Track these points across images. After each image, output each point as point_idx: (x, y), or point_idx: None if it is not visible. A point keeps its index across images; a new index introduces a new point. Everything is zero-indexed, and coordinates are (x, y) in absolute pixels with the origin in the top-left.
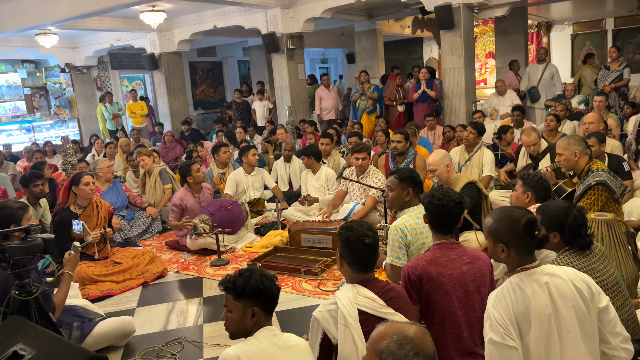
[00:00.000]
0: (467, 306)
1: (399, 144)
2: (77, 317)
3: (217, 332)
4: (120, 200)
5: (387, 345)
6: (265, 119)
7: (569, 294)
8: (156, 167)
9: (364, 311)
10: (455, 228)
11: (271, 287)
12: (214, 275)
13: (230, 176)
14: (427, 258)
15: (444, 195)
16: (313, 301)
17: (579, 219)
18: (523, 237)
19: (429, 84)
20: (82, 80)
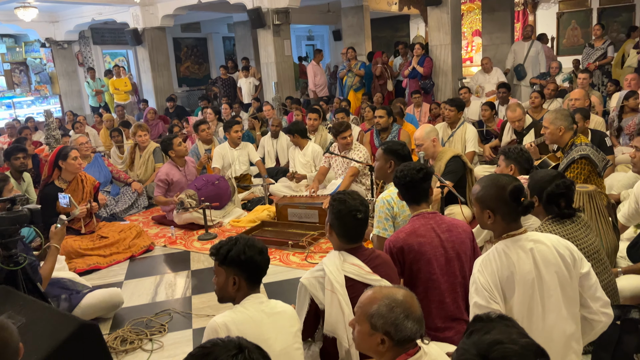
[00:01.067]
0: (448, 273)
1: (382, 119)
2: (64, 289)
3: (205, 304)
4: (103, 175)
5: (378, 308)
6: (251, 95)
7: (552, 260)
8: (151, 144)
9: (350, 277)
10: (426, 196)
11: (253, 257)
12: (201, 249)
13: (216, 150)
14: (406, 230)
15: (405, 167)
16: (300, 273)
17: (559, 189)
18: (509, 203)
19: (421, 61)
20: (63, 56)
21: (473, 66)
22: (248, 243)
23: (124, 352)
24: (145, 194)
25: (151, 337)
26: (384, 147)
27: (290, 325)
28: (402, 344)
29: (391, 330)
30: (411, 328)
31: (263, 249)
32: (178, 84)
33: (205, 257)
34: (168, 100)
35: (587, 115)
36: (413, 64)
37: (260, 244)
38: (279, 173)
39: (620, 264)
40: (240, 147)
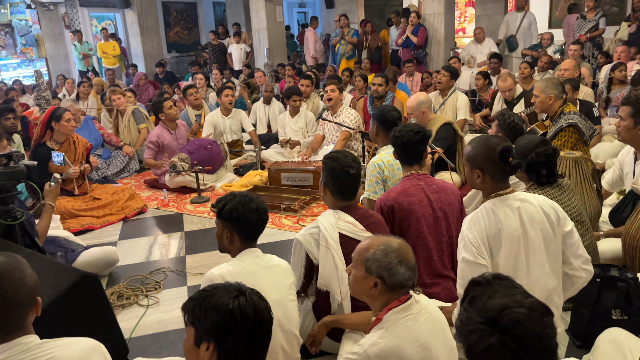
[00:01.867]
0: (436, 231)
1: (380, 87)
2: (60, 247)
3: (199, 263)
4: (93, 138)
5: (373, 253)
6: (242, 62)
7: (538, 218)
8: (129, 107)
9: (344, 234)
10: (421, 159)
11: (246, 215)
12: (194, 212)
13: (207, 118)
14: (397, 190)
15: (403, 127)
16: (292, 235)
17: (540, 158)
18: (498, 163)
19: (415, 30)
20: (49, 18)
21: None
22: (243, 200)
23: (121, 307)
24: (136, 158)
25: (147, 293)
26: (374, 112)
27: (284, 278)
28: (394, 288)
29: (384, 274)
30: (404, 274)
31: (259, 208)
32: (167, 50)
33: (198, 219)
34: (158, 66)
35: (576, 85)
36: (407, 33)
37: (256, 203)
38: (270, 140)
39: (602, 228)
40: (232, 115)
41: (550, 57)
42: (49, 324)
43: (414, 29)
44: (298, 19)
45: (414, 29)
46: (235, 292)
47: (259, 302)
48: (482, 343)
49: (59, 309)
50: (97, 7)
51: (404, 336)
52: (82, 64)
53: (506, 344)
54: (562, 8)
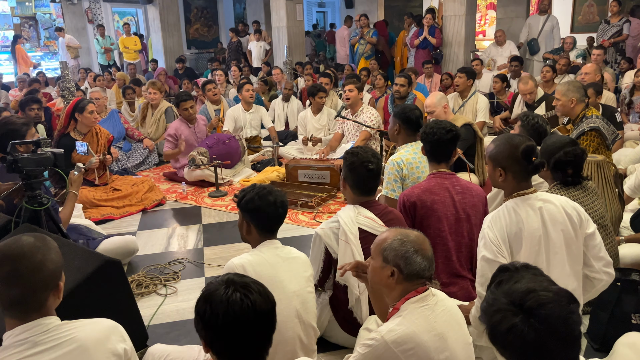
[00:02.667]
0: (456, 232)
1: (402, 87)
2: (81, 235)
3: (217, 255)
4: (117, 131)
5: (390, 243)
6: (261, 60)
7: (560, 219)
8: (163, 103)
9: (363, 230)
10: (449, 158)
11: (262, 207)
12: (212, 205)
13: (229, 112)
14: (422, 186)
15: (435, 124)
16: (309, 231)
17: (567, 157)
18: (520, 162)
19: (431, 31)
20: (72, 12)
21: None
22: (261, 192)
23: (140, 295)
24: (156, 151)
25: (165, 282)
26: (395, 110)
27: (303, 270)
28: (411, 278)
29: (401, 263)
30: (420, 263)
31: (277, 201)
32: (187, 46)
33: (216, 212)
34: (178, 62)
35: (599, 90)
36: (425, 34)
37: (274, 196)
38: (288, 137)
39: (623, 233)
40: (253, 111)
41: (568, 59)
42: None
43: (430, 30)
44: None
45: (430, 29)
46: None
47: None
48: (506, 322)
49: (83, 292)
50: (120, 3)
51: (421, 324)
52: (104, 57)
53: (531, 325)
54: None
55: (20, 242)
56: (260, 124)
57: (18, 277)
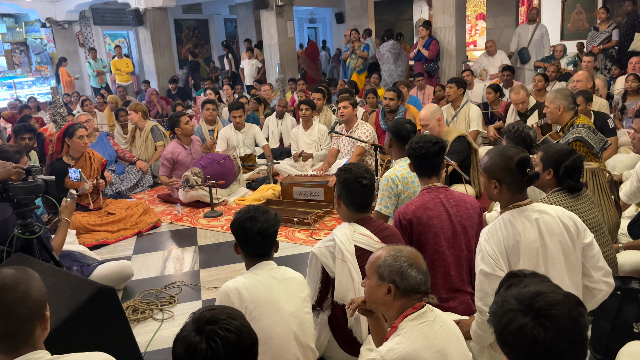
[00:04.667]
0: (454, 246)
1: (392, 101)
2: (75, 261)
3: (213, 277)
4: (107, 154)
5: (384, 260)
6: (254, 77)
7: (557, 230)
8: (148, 123)
9: (360, 247)
10: (438, 170)
11: (238, 233)
12: (207, 226)
13: (221, 133)
14: (416, 203)
15: (420, 139)
16: (306, 249)
17: (576, 163)
18: (515, 173)
19: (426, 43)
20: (63, 36)
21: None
22: (242, 218)
23: (136, 321)
24: (150, 173)
25: (162, 307)
26: (389, 125)
27: (300, 291)
28: (408, 293)
29: (396, 279)
30: (415, 277)
31: (252, 229)
32: (179, 66)
33: (212, 233)
34: (171, 82)
35: (589, 97)
36: (418, 46)
37: (259, 225)
38: (282, 154)
39: (621, 240)
40: (244, 130)
41: (558, 66)
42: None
43: (426, 43)
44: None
45: (426, 42)
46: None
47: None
48: (516, 322)
49: (77, 321)
50: (111, 25)
51: (421, 342)
52: (96, 80)
53: (540, 323)
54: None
55: (1, 274)
56: (254, 142)
57: (3, 310)
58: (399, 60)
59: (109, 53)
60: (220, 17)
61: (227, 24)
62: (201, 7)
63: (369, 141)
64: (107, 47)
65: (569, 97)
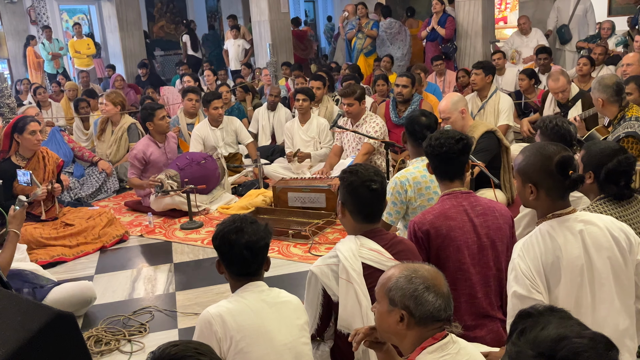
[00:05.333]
0: (481, 263)
1: (405, 89)
2: (26, 282)
3: (192, 301)
4: (62, 153)
5: (396, 281)
6: (240, 61)
7: (605, 244)
8: (125, 119)
9: (368, 265)
10: (462, 172)
11: (221, 247)
12: (185, 240)
13: (194, 132)
14: (435, 211)
15: (441, 134)
16: (303, 267)
17: (622, 166)
18: (555, 176)
19: (441, 20)
20: (12, 12)
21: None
22: (226, 229)
23: (99, 354)
24: (115, 176)
25: (130, 337)
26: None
27: (296, 317)
28: (424, 322)
29: (410, 304)
30: (433, 302)
31: (239, 242)
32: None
33: (190, 248)
34: (140, 67)
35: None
36: (432, 24)
37: (247, 238)
38: (275, 152)
39: None
40: (222, 126)
41: (605, 47)
42: None
43: (440, 19)
44: (306, 9)
45: (440, 18)
46: None
47: None
48: None
49: (28, 354)
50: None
51: None
52: (51, 65)
53: None
54: None
55: None
56: (236, 140)
57: None
58: (397, 41)
59: (66, 32)
60: None
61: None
62: None
63: (379, 137)
64: (65, 24)
65: (609, 87)
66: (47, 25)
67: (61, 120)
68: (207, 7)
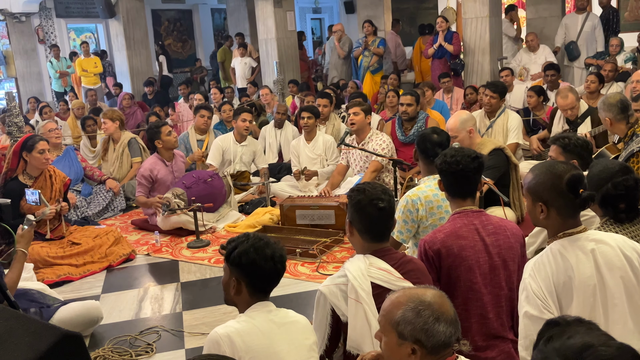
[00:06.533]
0: (492, 283)
1: (409, 107)
2: (33, 302)
3: (199, 320)
4: (74, 171)
5: (403, 314)
6: (247, 79)
7: (618, 263)
8: (125, 134)
9: (377, 284)
10: (475, 191)
11: (257, 262)
12: (192, 259)
13: (216, 142)
14: (446, 230)
15: (456, 152)
16: (311, 286)
17: (617, 190)
18: (565, 195)
19: (447, 37)
20: (20, 31)
21: None
22: (257, 244)
23: None
24: (122, 194)
25: (137, 357)
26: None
27: (304, 338)
28: (436, 351)
29: (422, 338)
30: (444, 332)
31: (274, 256)
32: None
33: (196, 267)
34: (146, 85)
35: None
36: (439, 41)
37: (272, 250)
38: (282, 170)
39: None
40: (246, 144)
41: (615, 64)
42: None
43: (446, 36)
44: (313, 27)
45: (446, 35)
46: None
47: None
48: None
49: None
50: (76, 18)
51: None
52: (59, 83)
53: None
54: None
55: None
56: (251, 160)
57: None
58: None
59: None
60: (206, 6)
61: (215, 15)
62: None
63: (386, 155)
64: (72, 43)
65: (614, 106)
66: (55, 44)
67: (68, 138)
68: (214, 25)
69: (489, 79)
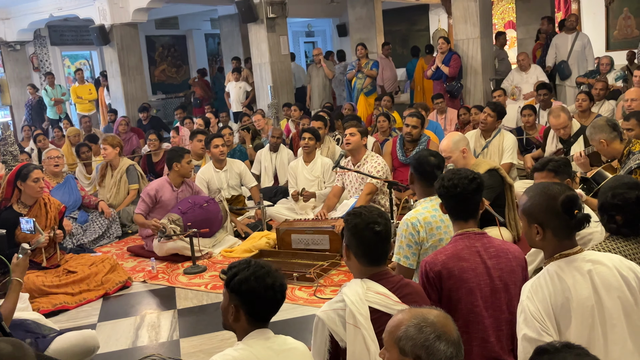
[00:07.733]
0: (493, 306)
1: (415, 129)
2: (28, 332)
3: (197, 348)
4: (73, 199)
5: (406, 330)
6: (242, 103)
7: (615, 284)
8: (123, 161)
9: (375, 309)
10: (476, 212)
11: (257, 290)
12: (188, 285)
13: (198, 175)
14: (447, 252)
15: (454, 174)
16: (309, 310)
17: (614, 200)
18: (561, 216)
19: (446, 59)
20: (15, 59)
21: None
22: (258, 272)
23: None
24: (118, 221)
25: None
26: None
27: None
28: None
29: (422, 354)
30: (444, 351)
31: (275, 285)
32: (152, 91)
33: (193, 293)
34: (141, 111)
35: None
36: (437, 63)
37: (272, 279)
38: (278, 193)
39: None
40: (227, 168)
41: (605, 83)
42: None
43: (445, 58)
44: (306, 50)
45: (445, 57)
46: None
47: None
48: None
49: None
50: (71, 45)
51: None
52: (54, 111)
53: None
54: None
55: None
56: (239, 182)
57: None
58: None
59: (68, 77)
60: (200, 32)
61: (209, 40)
62: (177, 21)
63: (381, 177)
64: (67, 70)
65: (605, 126)
66: (50, 72)
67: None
68: (208, 50)
69: (482, 99)
